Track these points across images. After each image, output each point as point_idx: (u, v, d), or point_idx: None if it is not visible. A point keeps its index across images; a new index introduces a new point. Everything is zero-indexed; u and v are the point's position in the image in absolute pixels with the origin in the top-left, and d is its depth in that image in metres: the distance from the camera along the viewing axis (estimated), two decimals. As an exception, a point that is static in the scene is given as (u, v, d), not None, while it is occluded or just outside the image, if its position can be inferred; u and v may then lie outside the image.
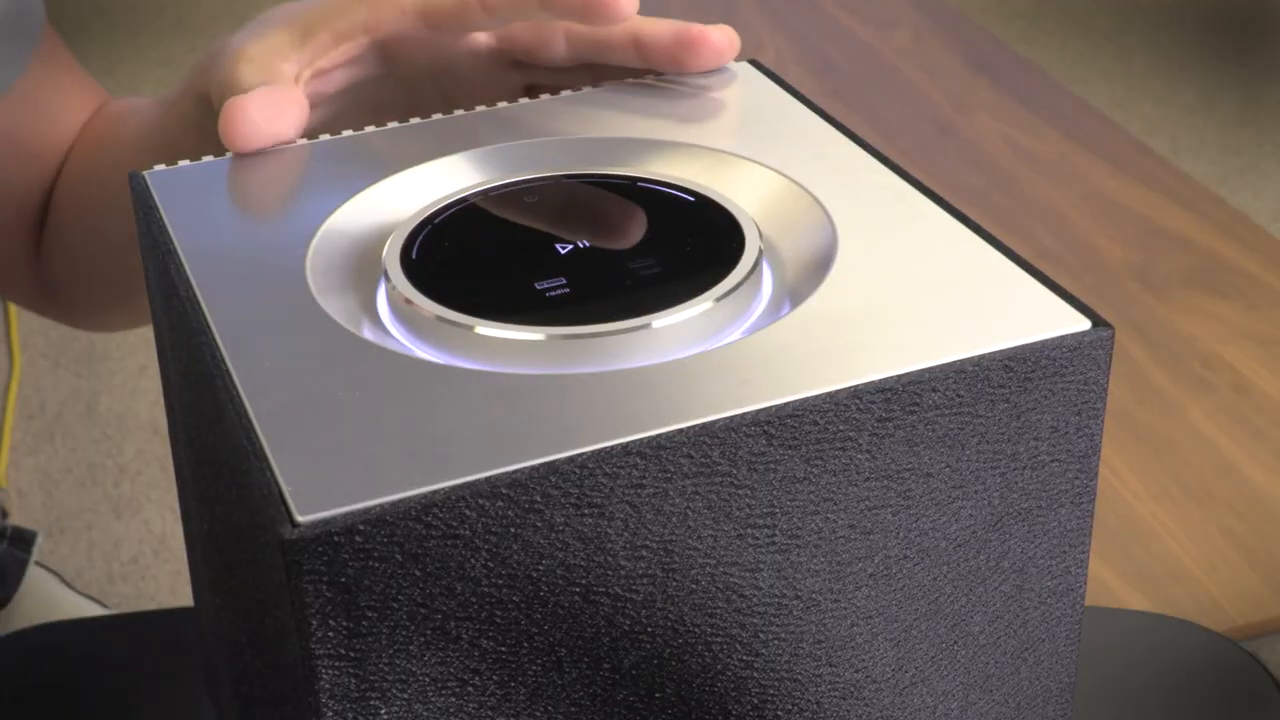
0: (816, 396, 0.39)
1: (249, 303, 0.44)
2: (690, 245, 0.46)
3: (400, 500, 0.36)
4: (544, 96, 0.55)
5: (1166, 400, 1.39)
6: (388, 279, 0.44)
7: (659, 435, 0.38)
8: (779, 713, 0.42)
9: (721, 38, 0.55)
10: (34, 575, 1.47)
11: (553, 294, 0.44)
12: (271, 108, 0.51)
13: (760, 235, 0.46)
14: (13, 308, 2.05)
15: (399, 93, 0.58)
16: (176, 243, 0.47)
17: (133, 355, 1.97)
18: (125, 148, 0.68)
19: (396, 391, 0.40)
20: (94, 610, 1.43)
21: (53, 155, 0.72)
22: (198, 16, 2.79)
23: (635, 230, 0.47)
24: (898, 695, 0.44)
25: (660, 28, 0.55)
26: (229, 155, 0.52)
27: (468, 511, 0.37)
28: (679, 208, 0.48)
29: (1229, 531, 1.27)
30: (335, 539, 0.36)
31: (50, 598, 1.46)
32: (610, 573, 0.38)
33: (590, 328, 0.42)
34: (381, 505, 0.36)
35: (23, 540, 1.47)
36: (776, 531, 0.40)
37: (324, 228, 0.47)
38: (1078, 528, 0.45)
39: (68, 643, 0.73)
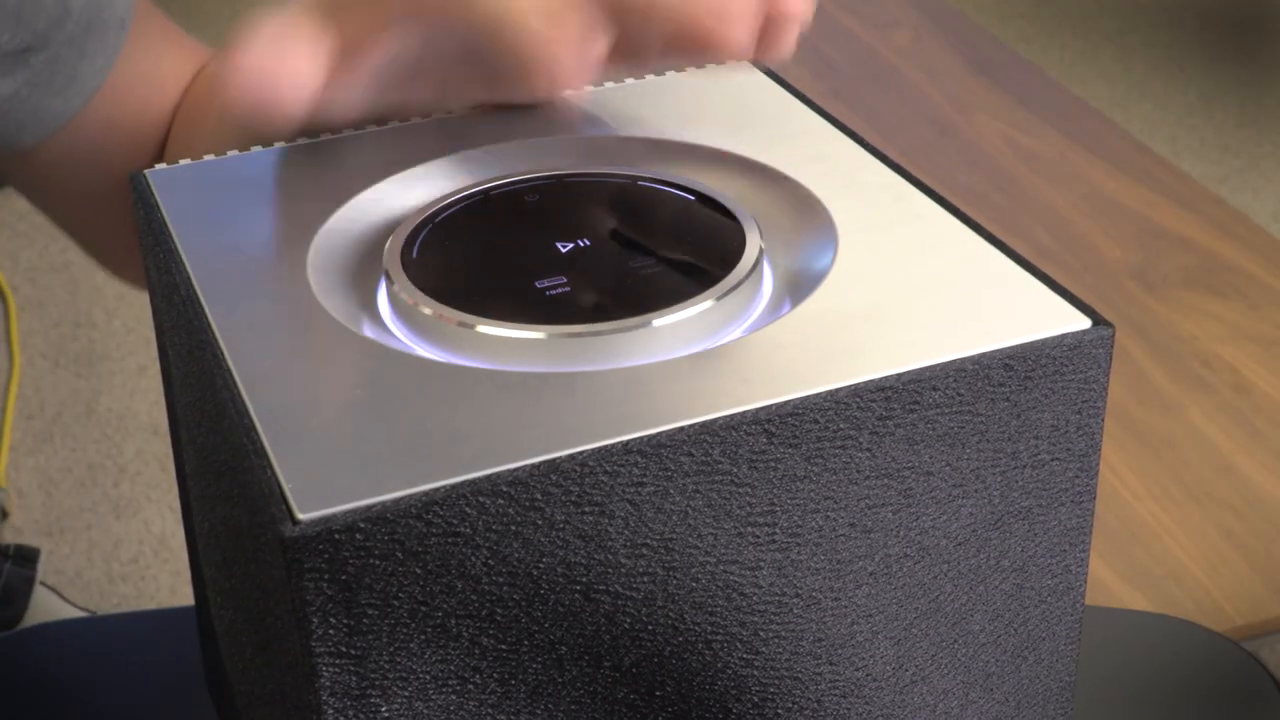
0: (817, 395, 0.39)
1: (250, 301, 0.44)
2: (690, 244, 0.46)
3: (401, 498, 0.36)
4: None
5: (1166, 400, 1.40)
6: (388, 277, 0.44)
7: (660, 433, 0.38)
8: (779, 711, 0.42)
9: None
10: (38, 593, 1.46)
11: (553, 292, 0.44)
12: (274, 56, 0.46)
13: (760, 234, 0.46)
14: (12, 308, 2.05)
15: (444, 62, 0.53)
16: (177, 241, 0.47)
17: (133, 355, 1.97)
18: (211, 123, 0.64)
19: (397, 390, 0.40)
20: None
21: (155, 130, 0.68)
22: (198, 17, 2.79)
23: (636, 229, 0.47)
24: (898, 693, 0.44)
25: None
26: (230, 154, 0.52)
27: (468, 509, 0.37)
28: (679, 207, 0.48)
29: (1229, 531, 1.27)
30: (336, 537, 0.36)
31: (54, 616, 1.46)
32: (611, 571, 0.38)
33: (591, 326, 0.42)
34: (382, 503, 0.36)
35: (26, 558, 1.47)
36: (777, 530, 0.40)
37: (325, 226, 0.47)
38: (1078, 526, 0.45)
39: (68, 642, 0.73)
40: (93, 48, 0.64)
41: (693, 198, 0.48)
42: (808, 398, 0.39)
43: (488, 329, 0.42)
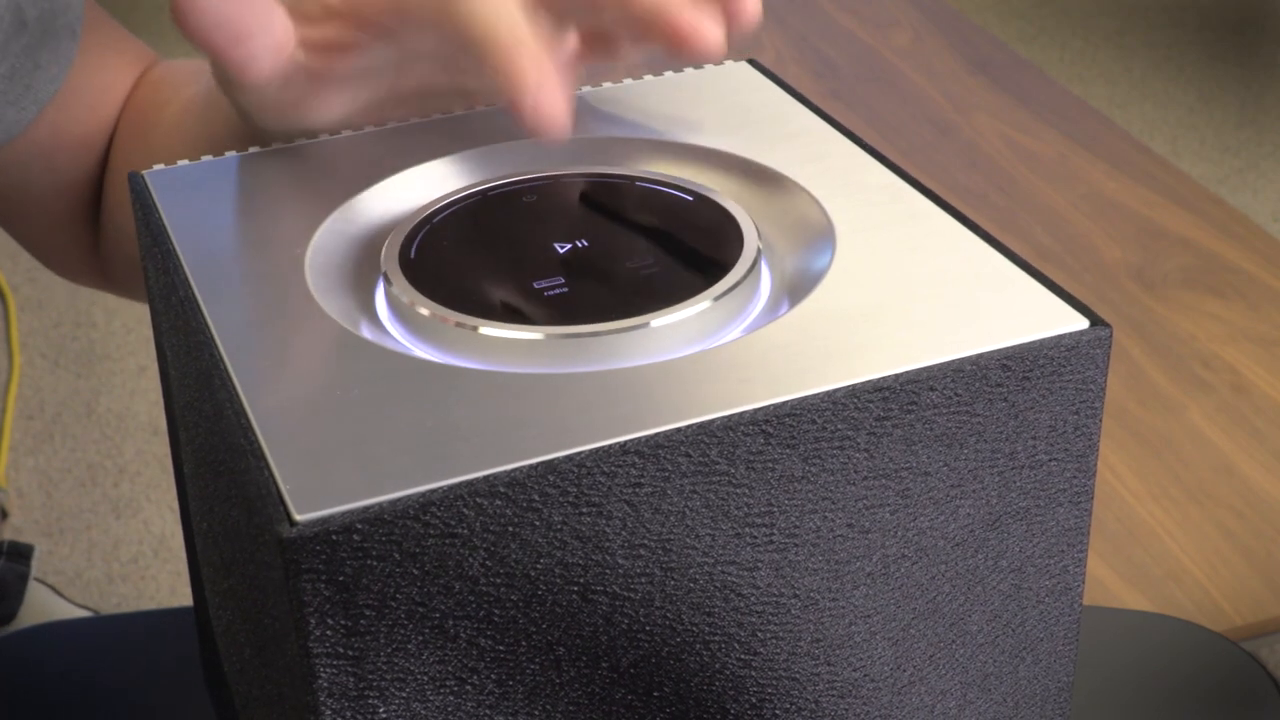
0: (814, 395, 0.39)
1: (248, 302, 0.44)
2: (688, 244, 0.46)
3: (398, 499, 0.36)
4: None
5: (1166, 400, 1.40)
6: (386, 278, 0.45)
7: (657, 434, 0.38)
8: (777, 711, 0.42)
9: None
10: (32, 589, 1.46)
11: (551, 293, 0.44)
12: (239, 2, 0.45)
13: (759, 234, 0.46)
14: (12, 308, 2.05)
15: (424, 64, 0.53)
16: (175, 242, 0.47)
17: (132, 355, 1.97)
18: (172, 130, 0.64)
19: (395, 391, 0.40)
20: None
21: (101, 136, 0.69)
22: (198, 17, 2.79)
23: (634, 230, 0.47)
24: (896, 694, 0.44)
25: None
26: (229, 154, 0.52)
27: (466, 510, 0.37)
28: (677, 207, 0.48)
29: (1229, 531, 1.27)
30: (333, 538, 0.36)
31: (50, 612, 1.46)
32: (608, 572, 0.38)
33: (588, 327, 0.42)
34: (380, 504, 0.36)
35: (20, 554, 1.47)
36: (774, 530, 0.40)
37: (323, 227, 0.47)
38: (1075, 527, 0.45)
39: (67, 642, 0.73)
40: (46, 58, 0.64)
41: (690, 198, 0.48)
42: (805, 398, 0.39)
43: (485, 330, 0.42)
